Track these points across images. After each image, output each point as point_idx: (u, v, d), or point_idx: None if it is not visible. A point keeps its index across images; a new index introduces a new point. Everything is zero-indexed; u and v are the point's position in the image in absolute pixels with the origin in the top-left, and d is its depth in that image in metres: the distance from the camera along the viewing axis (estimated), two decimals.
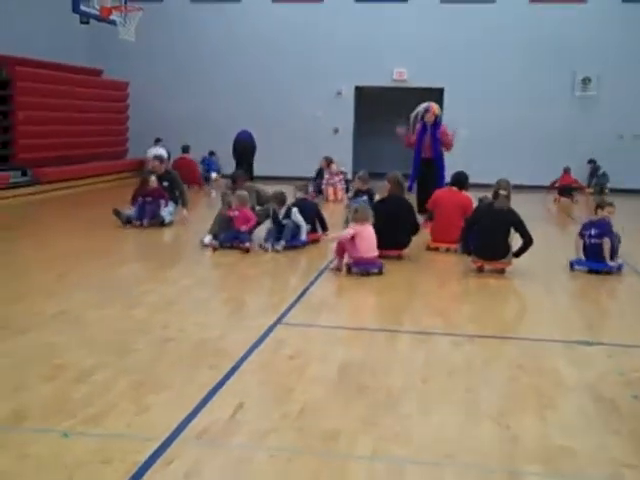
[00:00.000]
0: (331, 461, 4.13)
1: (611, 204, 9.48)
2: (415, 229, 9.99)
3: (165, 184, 12.65)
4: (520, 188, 10.80)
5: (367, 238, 8.82)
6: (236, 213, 10.47)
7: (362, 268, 8.77)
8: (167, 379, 5.25)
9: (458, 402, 4.98)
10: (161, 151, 18.11)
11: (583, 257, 9.28)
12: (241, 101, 21.47)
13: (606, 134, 20.29)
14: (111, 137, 20.66)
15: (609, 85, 20.14)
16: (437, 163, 13.14)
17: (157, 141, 19.99)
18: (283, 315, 6.96)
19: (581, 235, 9.32)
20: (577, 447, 4.31)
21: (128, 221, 12.05)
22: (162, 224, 12.16)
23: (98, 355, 5.69)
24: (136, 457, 4.02)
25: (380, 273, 8.82)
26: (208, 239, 10.35)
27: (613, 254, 9.17)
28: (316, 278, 8.70)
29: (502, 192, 9.39)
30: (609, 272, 9.03)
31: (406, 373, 5.56)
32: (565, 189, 17.91)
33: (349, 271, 8.83)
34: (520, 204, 10.34)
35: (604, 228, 9.19)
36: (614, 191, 19.03)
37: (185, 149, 19.07)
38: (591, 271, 9.13)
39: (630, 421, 4.74)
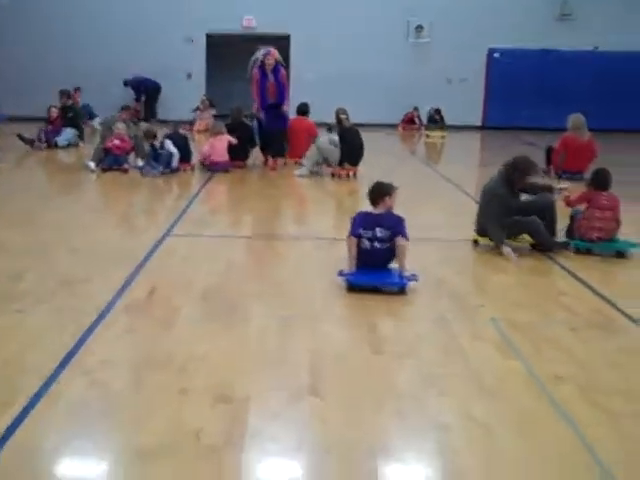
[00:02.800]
0: (232, 323, 5.44)
1: (395, 188, 6.49)
2: (252, 146, 13.00)
3: (70, 115, 14.98)
4: (361, 126, 12.68)
5: (218, 147, 12.19)
6: (116, 142, 11.98)
7: (215, 168, 12.08)
8: (88, 276, 6.36)
9: (325, 281, 6.38)
10: None
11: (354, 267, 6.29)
12: (101, 52, 21.83)
13: (437, 78, 22.22)
14: None
15: (440, 32, 21.99)
16: (283, 107, 13.11)
17: None
18: (170, 229, 8.15)
19: (356, 235, 6.28)
20: (413, 302, 5.87)
21: (31, 143, 14.41)
22: (56, 146, 14.50)
23: (22, 262, 6.70)
24: (83, 322, 5.18)
25: (227, 171, 12.07)
26: (92, 165, 11.89)
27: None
28: (192, 199, 10.00)
29: (342, 116, 12.18)
30: (402, 290, 6.10)
31: (282, 266, 6.97)
32: (408, 122, 22.03)
33: (208, 169, 12.12)
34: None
35: (396, 225, 6.29)
36: (448, 127, 21.25)
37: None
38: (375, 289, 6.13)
39: (449, 288, 6.34)
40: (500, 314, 5.65)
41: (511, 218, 7.45)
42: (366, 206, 6.55)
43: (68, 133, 14.84)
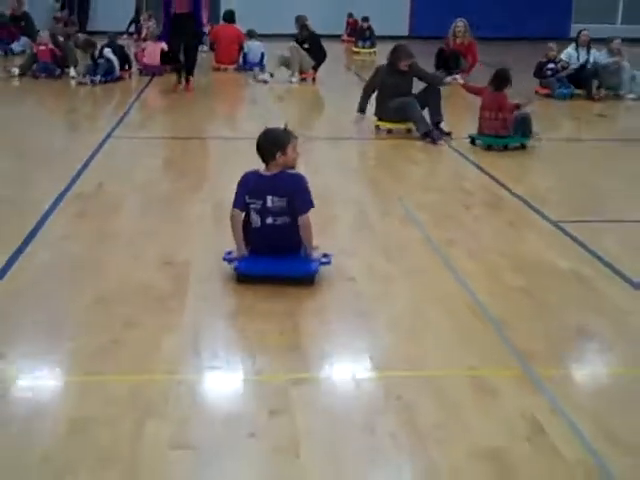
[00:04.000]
0: (172, 208, 6.13)
1: (291, 139, 4.62)
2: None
3: (22, 23, 15.56)
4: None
5: (151, 50, 12.93)
6: (42, 47, 12.47)
7: (149, 71, 12.85)
8: (37, 173, 6.97)
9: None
10: None
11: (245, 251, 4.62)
12: None
13: None
14: None
15: None
16: (196, 15, 11.51)
17: None
18: (111, 132, 8.73)
19: (240, 208, 4.61)
20: (330, 187, 6.65)
21: None
22: (13, 53, 14.97)
23: None
24: (39, 208, 5.80)
25: (162, 74, 12.68)
26: (15, 70, 12.50)
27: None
28: (131, 104, 10.61)
29: (308, 22, 13.16)
30: (309, 276, 4.57)
31: (215, 163, 7.70)
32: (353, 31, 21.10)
33: (141, 73, 12.93)
34: None
35: (294, 191, 4.52)
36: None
37: None
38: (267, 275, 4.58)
39: (364, 176, 7.16)
40: (407, 196, 6.48)
41: (393, 100, 8.53)
42: (316, 114, 7.22)
43: (22, 41, 15.25)
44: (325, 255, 4.67)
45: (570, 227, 5.72)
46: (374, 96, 8.92)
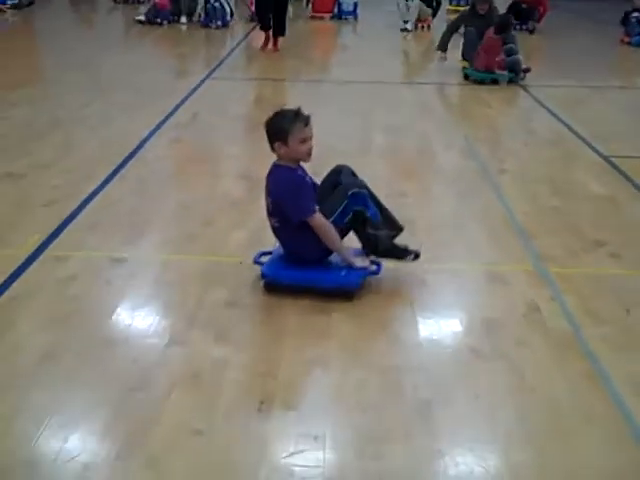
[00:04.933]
0: (257, 137, 6.81)
1: (295, 125, 3.71)
2: None
3: None
4: None
5: None
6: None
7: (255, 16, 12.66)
8: (143, 104, 7.81)
9: (343, 113, 7.76)
10: None
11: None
12: None
13: None
14: None
15: None
16: None
17: None
18: (211, 73, 9.55)
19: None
20: (400, 125, 7.24)
21: None
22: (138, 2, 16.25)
23: (88, 96, 8.18)
24: (141, 133, 6.64)
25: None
26: (141, 17, 13.57)
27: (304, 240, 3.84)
28: (233, 49, 11.48)
29: None
30: (347, 292, 3.82)
31: (304, 100, 8.22)
32: None
33: (251, 20, 13.66)
34: None
35: (274, 193, 3.85)
36: None
37: None
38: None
39: (436, 115, 7.70)
40: (472, 133, 7.02)
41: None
42: (403, 61, 7.74)
43: None
44: (375, 262, 3.96)
45: (619, 161, 6.16)
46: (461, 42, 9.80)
